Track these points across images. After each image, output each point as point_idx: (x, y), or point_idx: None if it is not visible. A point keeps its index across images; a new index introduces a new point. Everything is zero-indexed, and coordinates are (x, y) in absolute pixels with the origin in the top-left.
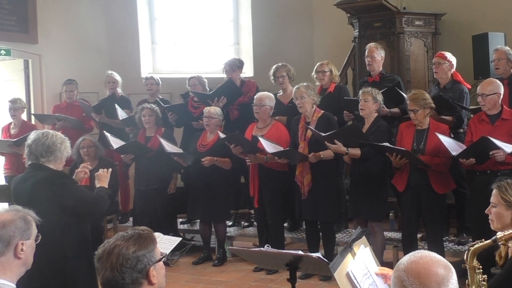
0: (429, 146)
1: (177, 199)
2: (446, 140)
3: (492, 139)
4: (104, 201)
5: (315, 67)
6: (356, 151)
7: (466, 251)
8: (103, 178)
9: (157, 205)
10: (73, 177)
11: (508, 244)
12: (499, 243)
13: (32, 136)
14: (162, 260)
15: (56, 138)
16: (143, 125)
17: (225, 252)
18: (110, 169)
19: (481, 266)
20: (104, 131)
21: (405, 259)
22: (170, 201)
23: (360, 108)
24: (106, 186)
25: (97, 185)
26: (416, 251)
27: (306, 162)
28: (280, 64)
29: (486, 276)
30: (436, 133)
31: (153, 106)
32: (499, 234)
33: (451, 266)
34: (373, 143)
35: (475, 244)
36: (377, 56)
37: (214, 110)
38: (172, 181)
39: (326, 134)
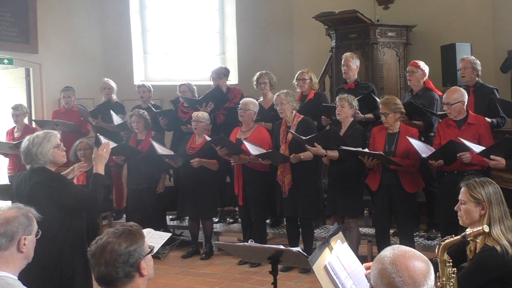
0: (400, 148)
1: (166, 197)
2: (416, 143)
3: (463, 140)
4: (99, 195)
5: (296, 75)
6: (334, 153)
7: (438, 246)
8: (101, 159)
9: (147, 203)
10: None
11: (477, 240)
12: (468, 239)
13: (22, 144)
14: (150, 253)
15: (34, 141)
16: (135, 130)
17: (211, 247)
18: (109, 144)
19: (451, 260)
20: (98, 134)
21: (389, 253)
22: (159, 199)
23: (337, 113)
24: (103, 171)
25: (94, 170)
26: (395, 245)
27: (287, 163)
28: (264, 71)
29: (455, 269)
30: (407, 137)
31: (141, 112)
32: (468, 231)
33: (429, 261)
34: (348, 149)
35: (446, 239)
36: (352, 65)
37: (201, 114)
38: (160, 181)
39: (307, 137)
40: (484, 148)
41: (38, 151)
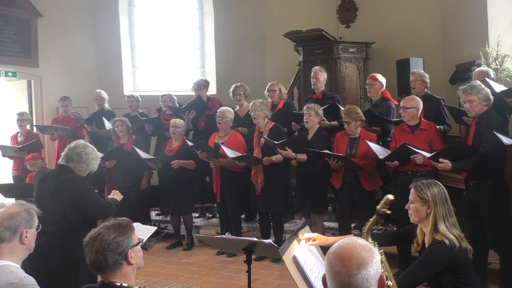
0: (360, 151)
1: (151, 195)
2: (374, 146)
3: (413, 148)
4: (111, 207)
5: (267, 87)
6: (303, 156)
7: (363, 233)
8: (118, 196)
9: (133, 200)
10: None
11: (424, 232)
12: (380, 213)
13: (74, 142)
14: (139, 244)
15: (92, 153)
16: (117, 135)
17: (192, 239)
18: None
19: (376, 243)
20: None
21: (336, 245)
22: (144, 197)
23: (305, 121)
24: (119, 199)
25: (112, 196)
26: (347, 237)
27: (260, 164)
28: (238, 84)
29: (382, 250)
30: (366, 141)
31: (123, 118)
32: (378, 206)
33: (374, 251)
34: (316, 150)
35: (366, 224)
36: (321, 77)
37: (179, 121)
38: (143, 178)
39: (279, 142)
40: (432, 153)
41: (91, 162)
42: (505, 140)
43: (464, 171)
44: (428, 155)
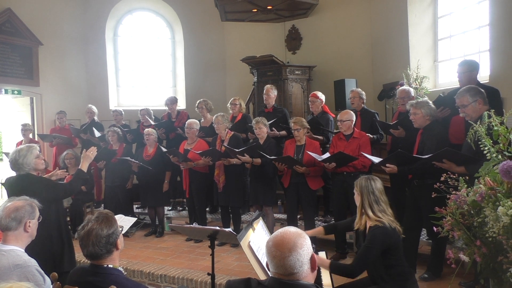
0: (305, 157)
1: (134, 192)
2: (314, 155)
3: (367, 156)
4: (76, 182)
5: (230, 100)
6: (258, 160)
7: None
8: (87, 159)
9: (119, 196)
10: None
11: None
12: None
13: (10, 156)
14: (122, 231)
15: (19, 155)
16: (110, 142)
17: (163, 227)
18: (95, 149)
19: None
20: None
21: (272, 234)
22: (128, 193)
23: (257, 134)
24: (86, 168)
25: (80, 166)
26: (285, 227)
27: (222, 165)
28: (201, 99)
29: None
30: (308, 151)
31: (115, 129)
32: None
33: (304, 236)
34: (266, 157)
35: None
36: (271, 94)
37: (151, 130)
38: (129, 180)
39: (238, 150)
40: (381, 159)
41: (24, 161)
42: (375, 160)
43: (408, 174)
44: (377, 160)
